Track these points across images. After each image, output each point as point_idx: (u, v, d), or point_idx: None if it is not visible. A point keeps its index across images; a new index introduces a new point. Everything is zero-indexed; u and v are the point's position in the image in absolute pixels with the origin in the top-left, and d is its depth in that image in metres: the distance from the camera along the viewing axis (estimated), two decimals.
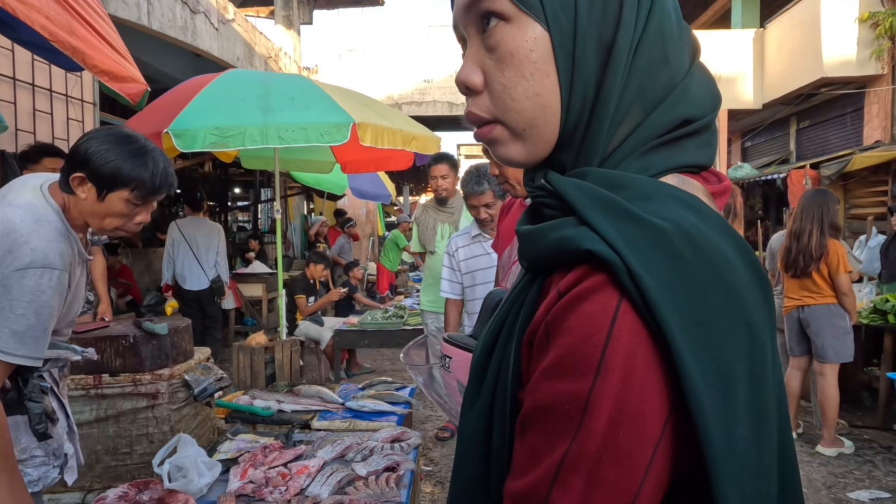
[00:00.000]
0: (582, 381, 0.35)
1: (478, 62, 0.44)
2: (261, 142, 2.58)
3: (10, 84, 3.29)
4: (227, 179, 8.44)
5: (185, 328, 2.00)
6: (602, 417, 0.34)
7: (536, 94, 0.42)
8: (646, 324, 0.35)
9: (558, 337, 0.37)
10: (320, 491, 1.49)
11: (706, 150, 0.45)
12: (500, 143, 0.45)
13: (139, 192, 1.17)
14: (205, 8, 5.68)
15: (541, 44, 0.41)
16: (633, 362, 0.35)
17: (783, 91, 8.36)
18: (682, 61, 0.43)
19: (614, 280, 0.36)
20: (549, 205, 0.43)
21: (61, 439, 1.28)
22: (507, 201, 1.62)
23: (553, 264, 0.41)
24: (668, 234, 0.37)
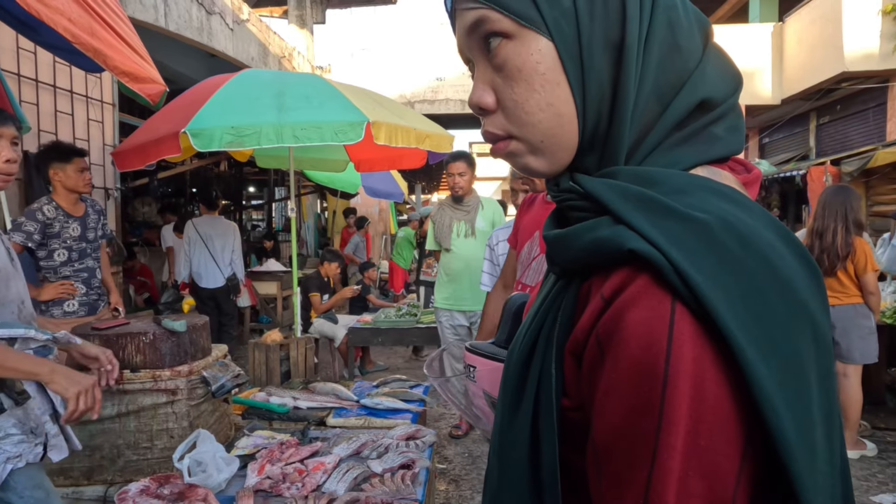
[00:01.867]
0: (650, 396, 0.33)
1: (488, 82, 0.44)
2: (276, 141, 2.60)
3: (32, 86, 3.36)
4: (241, 178, 8.53)
5: (203, 325, 2.02)
6: (680, 431, 0.32)
7: (549, 104, 0.41)
8: (703, 325, 0.33)
9: (614, 350, 0.35)
10: (336, 487, 1.50)
11: (735, 135, 0.44)
12: (519, 156, 0.45)
13: None
14: (220, 9, 5.74)
15: (546, 55, 0.41)
16: (702, 367, 0.33)
17: (803, 86, 8.19)
18: (695, 47, 0.42)
19: (661, 280, 0.34)
20: (578, 207, 0.42)
21: (39, 419, 1.31)
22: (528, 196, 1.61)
23: (590, 268, 0.40)
24: (711, 226, 0.35)
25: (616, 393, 0.35)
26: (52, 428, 1.33)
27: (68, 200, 2.57)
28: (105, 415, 1.77)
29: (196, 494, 1.40)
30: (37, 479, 1.32)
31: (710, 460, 0.32)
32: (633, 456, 0.34)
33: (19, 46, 3.22)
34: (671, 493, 0.33)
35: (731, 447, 0.33)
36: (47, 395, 1.34)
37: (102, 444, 1.79)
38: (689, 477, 0.32)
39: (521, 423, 0.42)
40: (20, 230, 2.45)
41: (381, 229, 11.33)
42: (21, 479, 1.28)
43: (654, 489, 0.33)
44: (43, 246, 2.52)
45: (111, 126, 4.10)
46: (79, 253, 2.61)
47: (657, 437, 0.33)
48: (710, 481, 0.32)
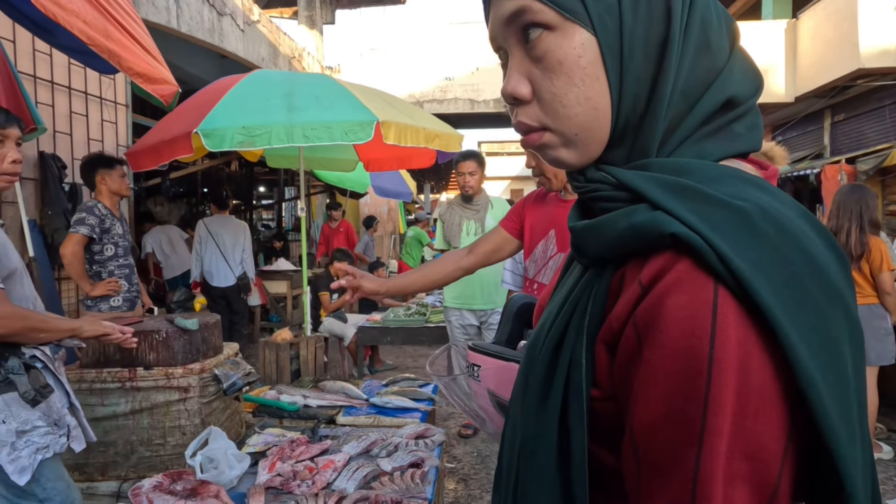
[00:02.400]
0: (696, 380, 0.33)
1: (524, 73, 0.44)
2: (286, 140, 2.61)
3: (48, 87, 3.41)
4: (252, 178, 8.60)
5: (215, 324, 2.05)
6: (727, 413, 0.32)
7: (588, 98, 0.42)
8: (746, 308, 0.33)
9: (655, 336, 0.35)
10: (346, 485, 1.51)
11: (754, 133, 0.44)
12: (551, 148, 0.45)
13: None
14: (231, 10, 5.79)
15: (588, 49, 0.41)
16: (748, 351, 0.33)
17: (817, 83, 8.07)
18: (723, 47, 0.43)
19: (703, 265, 0.34)
20: (609, 198, 0.42)
21: (61, 412, 1.38)
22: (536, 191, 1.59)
23: (623, 256, 0.40)
24: (749, 213, 0.35)
25: (658, 378, 0.35)
26: (71, 420, 1.37)
27: (112, 202, 2.82)
28: (119, 411, 1.79)
29: (208, 491, 1.41)
30: (59, 471, 1.36)
31: (756, 442, 0.33)
32: (678, 441, 0.34)
33: (35, 49, 3.27)
34: (719, 476, 0.33)
35: (776, 429, 0.33)
36: (63, 388, 1.38)
37: (116, 440, 1.82)
38: (735, 459, 0.33)
39: (548, 416, 0.42)
40: (84, 224, 2.66)
41: (389, 229, 11.36)
42: (45, 471, 1.31)
43: (702, 471, 0.33)
44: (99, 241, 2.73)
45: (124, 127, 4.15)
46: (123, 250, 2.82)
47: (703, 421, 0.33)
48: (755, 463, 0.33)
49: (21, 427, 1.28)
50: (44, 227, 3.22)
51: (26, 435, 1.29)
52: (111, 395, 1.80)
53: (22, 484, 1.27)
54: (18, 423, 1.27)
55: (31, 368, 1.33)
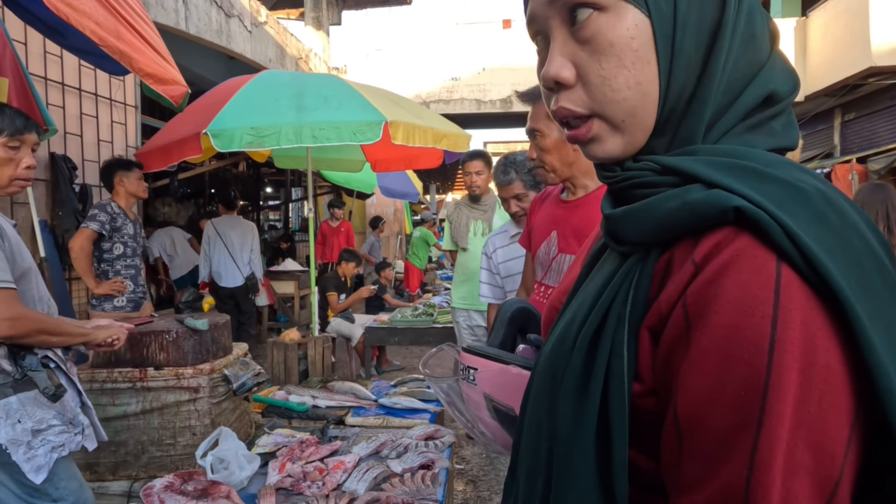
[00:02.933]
0: (755, 362, 0.31)
1: (568, 55, 0.42)
2: (295, 141, 2.62)
3: (59, 89, 3.44)
4: (259, 179, 8.63)
5: (224, 324, 2.05)
6: (789, 398, 0.31)
7: (638, 83, 0.41)
8: (812, 287, 0.32)
9: (709, 317, 0.33)
10: (357, 487, 1.50)
11: (791, 131, 0.43)
12: (600, 141, 0.43)
13: (8, 134, 1.36)
14: (239, 11, 5.82)
15: (642, 31, 0.40)
16: (813, 332, 0.31)
17: (827, 82, 7.99)
18: (765, 41, 0.42)
19: (766, 241, 0.33)
20: (651, 183, 0.41)
21: (74, 411, 1.39)
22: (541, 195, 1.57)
23: (672, 237, 0.39)
24: (812, 195, 0.34)
25: (710, 361, 0.33)
26: (84, 419, 1.38)
27: (128, 204, 2.87)
28: (130, 411, 1.80)
29: (219, 491, 1.41)
30: (71, 470, 1.37)
31: (820, 430, 0.31)
32: (732, 427, 0.32)
33: (46, 51, 3.29)
34: (778, 464, 0.31)
35: (841, 417, 0.31)
36: (75, 388, 1.39)
37: (127, 440, 1.83)
38: (797, 447, 0.31)
39: (587, 412, 0.40)
40: (95, 220, 2.71)
41: (396, 229, 11.37)
42: (58, 470, 1.32)
43: (759, 458, 0.31)
44: (109, 238, 2.77)
45: (134, 128, 4.18)
46: (132, 250, 2.85)
47: (763, 405, 0.31)
48: (817, 453, 0.31)
49: (36, 426, 1.29)
50: (54, 227, 3.24)
51: (42, 434, 1.30)
52: (122, 395, 1.81)
53: (38, 482, 1.28)
54: (34, 422, 1.28)
55: (45, 367, 1.34)
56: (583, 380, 0.41)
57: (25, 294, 1.35)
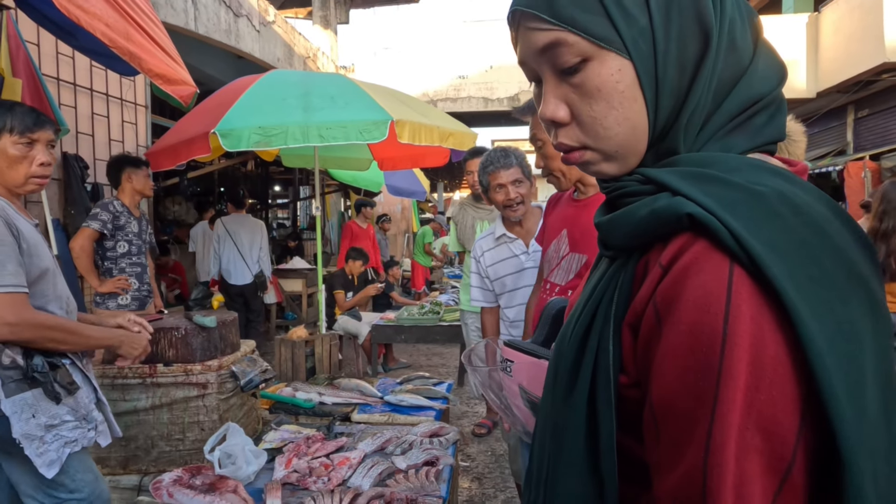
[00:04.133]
0: (709, 354, 0.34)
1: (560, 97, 0.46)
2: (302, 140, 2.64)
3: (71, 89, 3.49)
4: (267, 178, 8.69)
5: (232, 321, 2.07)
6: (739, 385, 0.34)
7: (627, 118, 0.43)
8: (760, 286, 0.34)
9: (673, 314, 0.37)
10: (362, 482, 1.52)
11: (776, 123, 0.45)
12: (592, 164, 0.47)
13: (18, 131, 1.33)
14: (247, 11, 5.85)
15: (626, 74, 0.43)
16: (761, 325, 0.34)
17: (840, 78, 7.88)
18: (747, 45, 0.44)
19: (719, 245, 0.36)
20: (635, 192, 0.44)
21: (88, 407, 1.40)
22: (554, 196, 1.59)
23: (647, 241, 0.42)
24: (766, 196, 0.37)
25: (675, 353, 0.36)
26: (98, 416, 1.40)
27: (133, 201, 2.87)
28: (140, 407, 1.83)
29: (226, 486, 1.43)
30: (87, 463, 1.40)
31: (770, 415, 0.33)
32: (693, 413, 0.35)
33: (59, 52, 3.34)
34: (731, 446, 0.33)
35: (790, 404, 0.33)
36: (91, 385, 1.42)
37: (137, 434, 1.86)
38: (747, 430, 0.33)
39: (576, 403, 0.44)
40: (96, 219, 2.71)
41: (403, 227, 11.39)
42: (74, 463, 1.35)
43: (714, 441, 0.34)
44: (111, 237, 2.77)
45: (144, 127, 4.23)
46: (136, 248, 2.86)
47: (716, 392, 0.34)
48: (768, 436, 0.33)
49: (50, 421, 1.31)
50: (67, 225, 3.29)
51: (55, 429, 1.32)
52: (132, 391, 1.84)
53: (49, 477, 1.30)
54: (47, 417, 1.31)
55: (57, 367, 1.35)
56: (573, 373, 0.45)
57: (43, 294, 1.36)
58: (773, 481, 0.33)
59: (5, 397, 1.26)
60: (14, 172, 1.35)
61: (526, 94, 10.41)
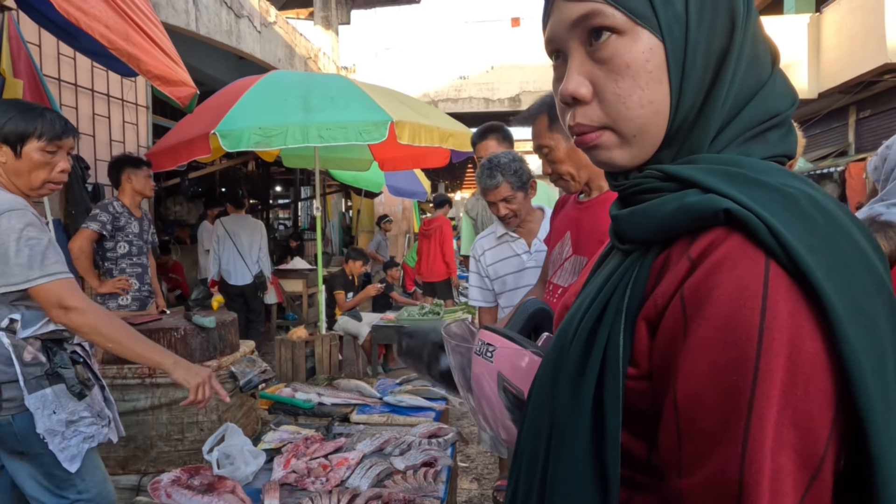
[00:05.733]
0: (745, 349, 0.34)
1: (585, 73, 0.46)
2: (302, 141, 2.65)
3: (72, 90, 3.50)
4: (268, 178, 8.70)
5: (232, 322, 2.08)
6: (777, 381, 0.34)
7: (650, 101, 0.44)
8: (797, 282, 0.35)
9: (705, 308, 0.37)
10: (360, 483, 1.52)
11: (788, 141, 0.46)
12: (606, 149, 0.46)
13: (46, 138, 1.34)
14: (248, 12, 5.86)
15: (656, 54, 0.43)
16: (798, 321, 0.34)
17: (841, 79, 7.86)
18: (767, 61, 0.46)
19: (755, 240, 0.36)
20: (655, 189, 0.44)
21: (101, 404, 1.43)
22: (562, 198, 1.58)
23: (671, 236, 0.42)
24: (798, 198, 0.37)
25: (706, 349, 0.36)
26: (109, 413, 1.43)
27: (133, 202, 2.87)
28: (139, 407, 1.83)
29: (224, 486, 1.44)
30: (96, 461, 1.41)
31: (805, 411, 0.34)
32: (727, 409, 0.35)
33: (60, 53, 3.35)
34: (768, 442, 0.34)
35: (824, 401, 0.34)
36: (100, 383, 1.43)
37: (136, 434, 1.86)
38: (783, 426, 0.34)
39: (583, 394, 0.43)
40: (96, 220, 2.71)
41: (404, 228, 11.39)
42: (86, 461, 1.36)
43: (752, 437, 0.34)
44: (111, 237, 2.78)
45: (145, 128, 4.23)
46: (137, 249, 2.86)
47: (753, 388, 0.34)
48: (803, 432, 0.34)
49: (69, 417, 1.33)
50: (68, 226, 3.30)
51: (74, 425, 1.34)
52: (132, 391, 1.84)
53: (73, 471, 1.33)
54: (67, 413, 1.33)
55: (77, 363, 1.37)
56: (580, 365, 0.44)
57: None
58: (805, 476, 0.34)
59: (28, 393, 1.28)
60: (33, 177, 1.36)
61: (527, 94, 10.41)
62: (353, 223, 9.89)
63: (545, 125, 1.35)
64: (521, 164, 1.87)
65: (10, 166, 1.34)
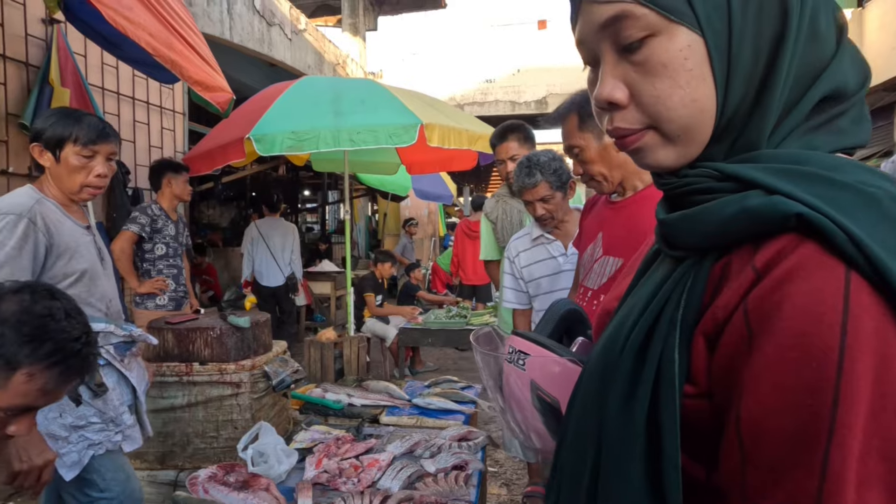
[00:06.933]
0: (823, 371, 0.31)
1: (619, 76, 0.43)
2: (333, 144, 2.68)
3: (115, 98, 3.64)
4: (297, 182, 8.86)
5: (265, 322, 2.12)
6: (861, 409, 0.30)
7: (694, 100, 0.41)
8: (883, 296, 0.31)
9: (773, 323, 0.33)
10: (391, 485, 1.52)
11: (861, 126, 0.42)
12: (650, 150, 0.43)
13: (82, 143, 1.37)
14: (280, 20, 6.00)
15: (695, 50, 0.40)
16: (885, 339, 0.31)
17: (886, 76, 7.52)
18: (830, 37, 0.41)
19: (832, 248, 0.33)
20: (709, 189, 0.41)
21: (117, 410, 1.40)
22: (591, 199, 1.55)
23: (730, 242, 0.38)
24: (879, 198, 0.34)
25: (776, 368, 0.33)
26: (129, 419, 1.42)
27: (171, 205, 2.98)
28: (177, 404, 1.88)
29: (259, 484, 1.46)
30: (119, 462, 1.42)
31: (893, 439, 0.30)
32: (800, 437, 0.32)
33: (103, 62, 3.50)
34: (851, 476, 0.30)
35: None
36: (128, 387, 1.44)
37: (174, 431, 1.91)
38: (870, 457, 0.30)
39: (636, 413, 0.40)
40: (135, 222, 2.82)
41: (430, 231, 11.43)
42: (105, 462, 1.38)
43: (832, 470, 0.30)
44: (149, 239, 2.88)
45: (181, 134, 4.37)
46: (173, 251, 2.96)
47: (833, 415, 0.31)
48: (892, 464, 0.30)
49: (76, 422, 1.33)
50: (109, 229, 3.43)
51: (81, 430, 1.34)
52: (170, 388, 1.90)
53: (67, 479, 1.31)
54: (74, 417, 1.33)
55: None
56: (631, 383, 0.41)
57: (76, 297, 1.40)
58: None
59: None
60: (71, 180, 1.40)
61: (554, 97, 10.33)
62: (379, 226, 9.97)
63: (575, 125, 1.33)
64: (560, 163, 1.82)
65: (52, 171, 1.39)
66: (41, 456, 1.10)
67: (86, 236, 1.44)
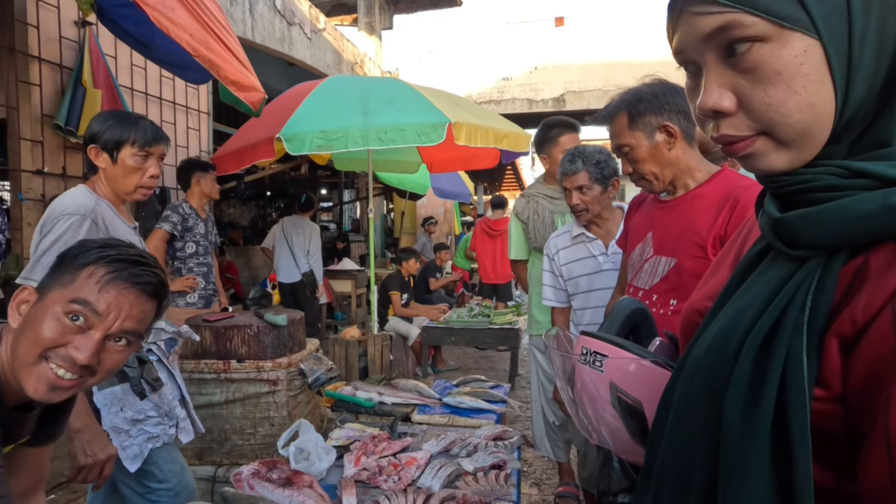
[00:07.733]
0: None
1: (725, 85, 0.42)
2: (362, 144, 2.69)
3: (143, 98, 3.70)
4: (314, 181, 8.92)
5: (300, 320, 2.13)
6: None
7: (811, 104, 0.39)
8: None
9: None
10: (432, 483, 1.52)
11: None
12: (761, 155, 0.42)
13: (139, 144, 1.41)
14: (299, 19, 6.04)
15: (812, 55, 0.39)
16: None
17: None
18: None
19: None
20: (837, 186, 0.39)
21: (171, 404, 1.45)
22: (638, 197, 1.53)
23: (866, 241, 0.37)
24: None
25: None
26: (181, 412, 1.46)
27: (200, 204, 3.01)
28: (215, 401, 1.91)
29: (302, 481, 1.46)
30: (174, 454, 1.46)
31: None
32: None
33: (133, 63, 3.55)
34: None
35: None
36: (176, 382, 1.47)
37: (212, 427, 1.94)
38: None
39: (761, 419, 0.39)
40: (167, 221, 2.86)
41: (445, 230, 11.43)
42: (162, 454, 1.42)
43: None
44: (181, 238, 2.91)
45: (206, 133, 4.42)
46: (203, 249, 2.99)
47: None
48: None
49: (136, 416, 1.38)
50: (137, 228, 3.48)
51: (140, 424, 1.39)
52: (208, 385, 1.92)
53: (132, 471, 1.37)
54: (134, 411, 1.37)
55: (144, 362, 1.42)
56: (753, 386, 0.40)
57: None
58: None
59: (98, 390, 1.33)
60: (127, 181, 1.44)
61: (572, 94, 10.25)
62: (395, 225, 10.00)
63: (625, 123, 1.31)
64: (606, 157, 1.82)
65: (108, 172, 1.42)
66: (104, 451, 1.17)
67: (134, 236, 1.48)
